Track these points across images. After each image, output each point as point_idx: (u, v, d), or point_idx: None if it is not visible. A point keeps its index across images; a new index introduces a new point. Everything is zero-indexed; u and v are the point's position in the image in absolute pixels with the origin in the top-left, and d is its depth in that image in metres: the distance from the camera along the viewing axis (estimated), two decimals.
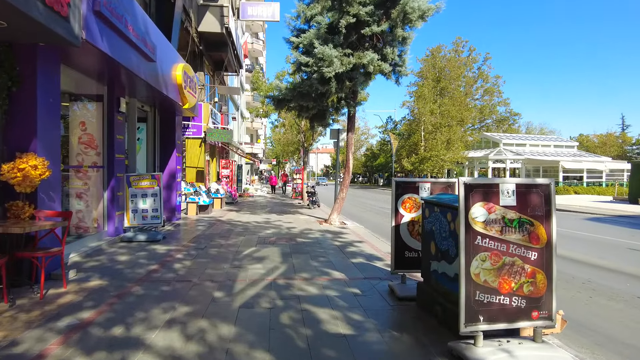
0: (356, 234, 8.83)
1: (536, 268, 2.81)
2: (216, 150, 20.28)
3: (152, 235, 7.59)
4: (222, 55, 17.35)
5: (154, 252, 6.58)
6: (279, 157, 50.90)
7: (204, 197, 12.49)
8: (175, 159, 10.75)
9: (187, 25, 13.24)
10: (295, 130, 21.67)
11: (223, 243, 7.45)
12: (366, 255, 6.51)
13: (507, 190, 2.79)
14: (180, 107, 9.86)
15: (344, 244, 7.52)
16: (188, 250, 6.70)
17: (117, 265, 5.53)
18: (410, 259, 4.39)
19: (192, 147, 16.16)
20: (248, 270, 5.37)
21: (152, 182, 7.78)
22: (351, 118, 10.19)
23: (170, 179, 10.65)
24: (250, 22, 43.02)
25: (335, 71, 8.28)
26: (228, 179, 19.88)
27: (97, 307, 3.77)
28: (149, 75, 7.19)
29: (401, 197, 4.36)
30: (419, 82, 41.82)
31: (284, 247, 7.06)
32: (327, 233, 8.92)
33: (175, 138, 10.75)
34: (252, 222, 10.63)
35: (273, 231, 9.05)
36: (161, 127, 10.64)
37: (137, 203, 7.73)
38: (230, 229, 9.26)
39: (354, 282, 4.85)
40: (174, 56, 9.08)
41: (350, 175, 10.56)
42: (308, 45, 8.94)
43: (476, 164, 40.22)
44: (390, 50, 8.46)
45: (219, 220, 10.98)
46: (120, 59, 5.80)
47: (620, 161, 42.15)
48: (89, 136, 7.26)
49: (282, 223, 10.58)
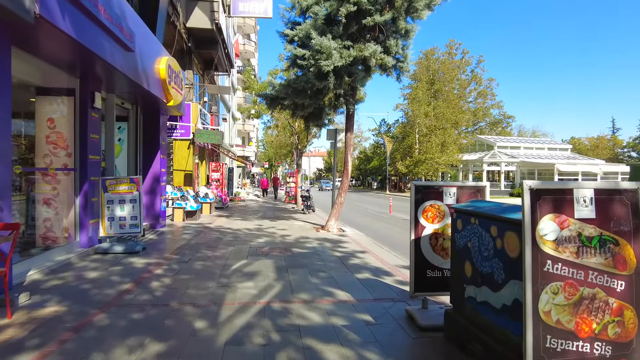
0: (357, 243, 8.09)
1: (623, 302, 2.09)
2: (206, 152, 19.42)
3: (130, 246, 6.76)
4: (212, 53, 16.56)
5: (130, 266, 5.76)
6: (272, 160, 50.07)
7: (191, 202, 11.65)
8: (159, 161, 9.91)
9: (175, 20, 12.45)
10: (289, 131, 20.91)
11: (210, 255, 6.64)
12: (372, 269, 5.76)
13: (583, 197, 2.08)
14: (165, 105, 9.06)
15: (345, 255, 6.77)
16: (169, 264, 5.89)
17: (84, 284, 4.71)
18: (434, 279, 3.66)
19: (180, 149, 15.31)
20: (237, 290, 4.59)
21: (131, 186, 6.96)
22: (350, 117, 9.48)
23: (153, 183, 9.81)
24: (242, 23, 42.29)
25: (334, 64, 7.56)
26: (218, 183, 19.03)
27: (42, 347, 2.96)
28: (126, 66, 6.40)
29: (422, 205, 3.63)
30: (413, 84, 41.39)
31: (278, 260, 6.29)
32: (326, 242, 8.16)
33: (160, 138, 9.92)
34: (243, 230, 9.82)
35: (266, 240, 8.27)
36: (144, 126, 9.81)
37: (114, 210, 6.89)
38: (219, 238, 8.46)
39: (363, 305, 4.10)
40: (157, 49, 8.29)
41: (349, 179, 9.84)
42: (304, 38, 8.22)
43: (471, 166, 39.85)
44: (393, 42, 7.78)
45: (207, 228, 10.15)
46: (89, 44, 5.00)
47: (614, 164, 42.16)
48: (58, 135, 6.43)
49: (276, 230, 9.79)
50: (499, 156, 37.79)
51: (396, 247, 8.20)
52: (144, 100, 8.90)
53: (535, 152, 42.32)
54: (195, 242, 7.96)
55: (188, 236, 8.69)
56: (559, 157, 40.02)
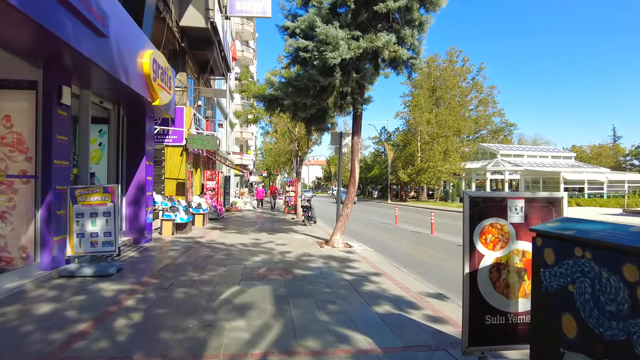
0: (368, 262, 7.04)
1: None
2: (201, 160, 18.41)
3: (102, 268, 5.71)
4: (207, 55, 15.66)
5: (97, 294, 4.70)
6: (270, 168, 49.10)
7: (181, 213, 10.60)
8: (145, 168, 8.89)
9: (166, 17, 11.55)
10: (288, 138, 19.94)
11: (196, 279, 5.59)
12: (392, 299, 4.72)
13: None
14: (150, 105, 8.08)
15: (356, 279, 5.72)
16: (145, 292, 4.84)
17: (26, 324, 3.65)
18: (495, 327, 2.63)
19: (172, 156, 14.30)
20: (224, 332, 3.54)
21: (105, 196, 5.92)
22: (357, 119, 8.50)
23: (138, 193, 8.78)
24: (241, 30, 41.73)
25: (341, 57, 6.61)
26: (213, 192, 17.97)
27: None
28: (99, 55, 5.42)
29: (479, 224, 2.61)
30: (414, 91, 40.68)
31: (277, 286, 5.24)
32: (332, 260, 7.11)
33: (146, 143, 8.91)
34: (238, 245, 8.76)
35: (263, 258, 7.21)
36: (128, 129, 8.81)
37: (85, 225, 5.85)
38: (210, 256, 7.40)
39: (391, 357, 3.05)
40: (140, 40, 7.33)
41: (356, 187, 8.82)
42: (307, 29, 7.29)
43: (473, 175, 38.90)
44: (409, 31, 6.85)
45: (197, 243, 9.09)
46: (42, 20, 4.02)
47: (620, 172, 41.34)
48: (16, 135, 5.42)
49: (275, 246, 8.74)
50: (503, 164, 36.88)
51: (411, 265, 7.16)
52: (126, 99, 7.93)
53: (539, 161, 41.46)
54: (182, 260, 6.91)
55: (175, 253, 7.63)
56: (564, 166, 39.13)
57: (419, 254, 8.75)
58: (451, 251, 9.04)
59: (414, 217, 19.36)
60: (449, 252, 8.86)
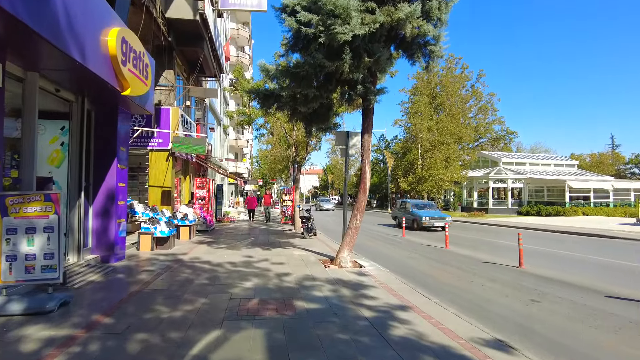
0: (387, 288, 5.63)
1: None
2: (190, 167, 17.00)
3: (38, 303, 4.28)
4: (197, 51, 14.34)
5: (12, 349, 3.27)
6: (266, 176, 47.72)
7: (162, 226, 9.15)
8: (117, 173, 7.48)
9: (150, 6, 10.26)
10: (285, 143, 18.59)
11: (165, 316, 4.16)
12: (437, 351, 3.31)
13: None
14: (123, 97, 6.72)
15: (379, 316, 4.31)
16: (87, 343, 3.41)
17: None
18: None
19: (157, 161, 12.88)
20: None
21: (46, 206, 4.51)
22: (368, 113, 7.18)
23: (107, 202, 7.35)
24: (236, 35, 40.71)
25: (353, 32, 5.30)
26: (204, 201, 16.52)
27: None
28: (37, 18, 4.06)
29: None
30: (414, 98, 39.65)
31: (272, 329, 3.82)
32: (342, 286, 5.70)
33: (118, 143, 7.52)
34: (226, 264, 7.33)
35: (255, 283, 5.79)
36: (96, 127, 7.42)
37: (19, 244, 4.42)
38: (189, 280, 5.96)
39: None
40: (107, 15, 5.98)
41: (366, 195, 7.46)
42: (310, 2, 5.99)
43: (475, 183, 37.68)
44: (435, 2, 5.56)
45: (178, 261, 7.65)
46: None
47: (626, 180, 40.37)
48: None
49: (270, 265, 7.31)
50: (505, 172, 35.71)
51: (442, 293, 5.77)
52: (90, 88, 6.55)
53: (542, 169, 40.37)
54: (153, 287, 5.47)
55: (147, 276, 6.19)
56: (567, 174, 38.03)
57: (444, 275, 7.36)
58: (482, 271, 7.67)
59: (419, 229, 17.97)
60: (480, 273, 7.49)
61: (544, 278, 7.03)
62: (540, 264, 8.44)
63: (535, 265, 8.22)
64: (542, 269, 7.87)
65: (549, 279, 6.92)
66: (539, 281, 6.75)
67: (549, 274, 7.37)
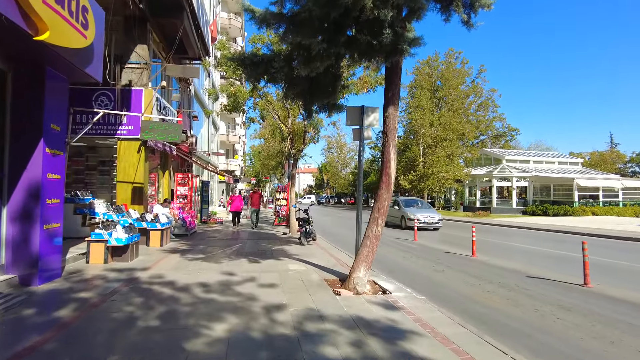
0: (436, 334, 3.63)
1: None
2: (170, 161, 14.86)
3: None
4: (176, 24, 12.18)
5: None
6: (259, 174, 45.59)
7: (118, 232, 7.05)
8: (43, 160, 5.38)
9: None
10: (279, 135, 16.49)
11: None
12: None
13: None
14: (57, 57, 4.64)
15: None
16: None
17: None
18: None
19: (126, 152, 10.73)
20: None
21: None
22: (394, 76, 5.17)
23: (28, 201, 5.26)
24: (228, 25, 38.33)
25: None
26: (185, 200, 14.40)
27: None
28: None
29: None
30: (415, 92, 37.76)
31: None
32: (367, 333, 3.67)
33: (45, 118, 5.41)
34: (195, 288, 5.26)
35: (231, 326, 3.74)
36: (13, 94, 5.33)
37: None
38: (132, 319, 3.90)
39: None
40: None
41: (391, 192, 5.44)
42: None
43: (478, 182, 35.88)
44: None
45: (132, 281, 5.57)
46: None
47: (635, 179, 38.90)
48: None
49: (257, 289, 5.26)
50: (509, 170, 33.96)
51: (514, 335, 3.79)
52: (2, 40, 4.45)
53: (546, 167, 38.74)
54: (69, 333, 3.41)
55: (70, 312, 4.11)
56: (574, 172, 36.42)
57: (495, 300, 5.37)
58: (538, 293, 5.71)
59: (429, 232, 16.01)
60: (538, 296, 5.53)
61: (621, 301, 5.13)
62: (605, 281, 6.52)
63: (602, 283, 6.31)
64: (612, 289, 5.97)
65: (631, 304, 5.02)
66: (618, 307, 4.84)
67: (621, 295, 5.49)
